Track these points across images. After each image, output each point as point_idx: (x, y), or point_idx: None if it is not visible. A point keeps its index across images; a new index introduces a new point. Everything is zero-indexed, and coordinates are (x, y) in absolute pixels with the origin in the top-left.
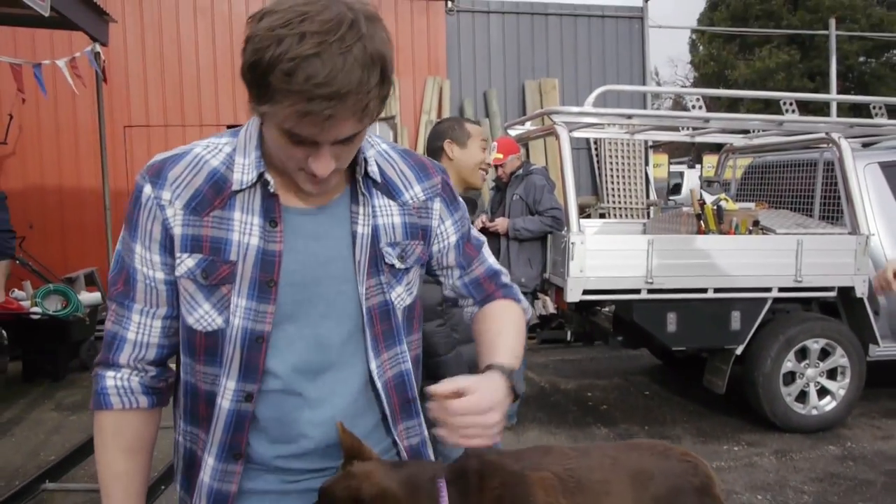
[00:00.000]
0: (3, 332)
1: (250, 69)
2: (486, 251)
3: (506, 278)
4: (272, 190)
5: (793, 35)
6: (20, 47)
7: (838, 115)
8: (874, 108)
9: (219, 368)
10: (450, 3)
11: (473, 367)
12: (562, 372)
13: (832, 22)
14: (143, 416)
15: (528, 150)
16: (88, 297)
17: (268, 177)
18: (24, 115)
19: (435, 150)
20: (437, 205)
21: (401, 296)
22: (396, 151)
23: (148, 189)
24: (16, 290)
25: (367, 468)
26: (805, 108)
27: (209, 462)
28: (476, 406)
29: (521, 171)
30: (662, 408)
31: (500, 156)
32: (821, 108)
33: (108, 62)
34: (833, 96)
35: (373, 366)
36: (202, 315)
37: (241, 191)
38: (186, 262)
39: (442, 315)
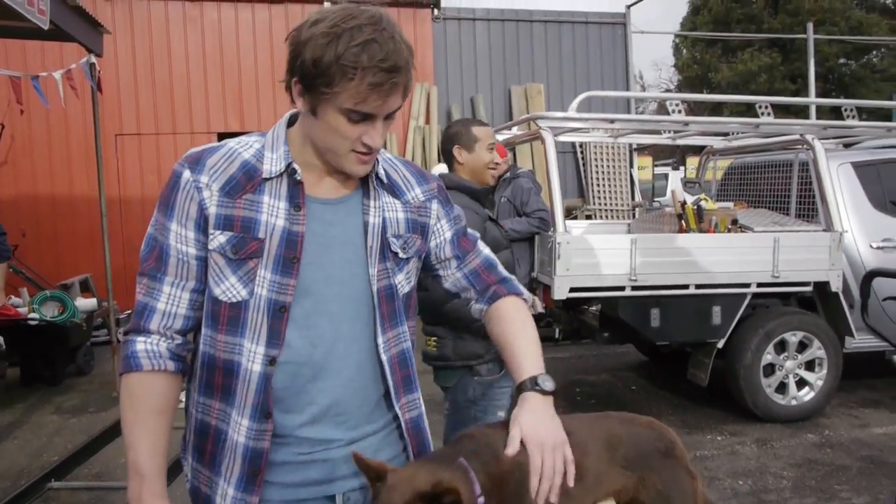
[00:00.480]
0: (1, 338)
1: (314, 64)
2: (482, 245)
3: (503, 269)
4: (298, 178)
5: (774, 38)
6: (11, 59)
7: (819, 118)
8: (845, 110)
9: (241, 338)
10: (436, 11)
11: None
12: (550, 369)
13: (810, 25)
14: (170, 379)
15: (514, 154)
16: (84, 303)
17: (295, 166)
18: (15, 126)
19: (446, 153)
20: (435, 205)
21: (401, 282)
22: (399, 160)
23: (187, 174)
24: (12, 296)
25: (408, 473)
26: (787, 110)
27: (243, 423)
28: (551, 458)
29: (508, 174)
30: (649, 402)
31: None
32: (802, 111)
33: (101, 72)
34: (810, 100)
35: (380, 341)
36: (228, 287)
37: (269, 179)
38: (218, 238)
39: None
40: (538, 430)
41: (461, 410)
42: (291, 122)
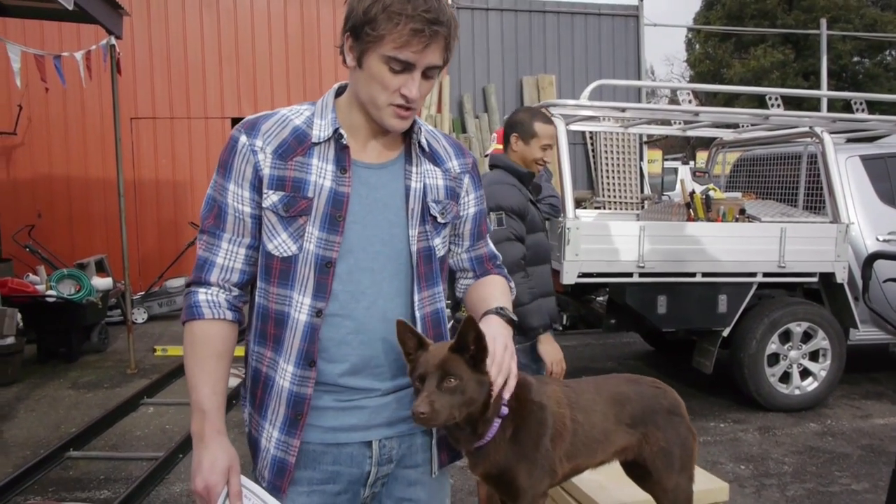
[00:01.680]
0: (19, 314)
1: (364, 12)
2: (489, 238)
3: (500, 262)
4: (344, 142)
5: (787, 34)
6: (30, 39)
7: (829, 112)
8: (855, 103)
9: (291, 290)
10: (451, 1)
11: (554, 317)
12: None
13: (823, 21)
14: (228, 327)
15: None
16: (100, 282)
17: (342, 131)
18: (32, 107)
19: (507, 136)
20: (467, 179)
21: (438, 245)
22: (440, 132)
23: (244, 138)
24: (30, 274)
25: (444, 343)
26: (798, 105)
27: (288, 369)
28: (501, 351)
29: None
30: None
31: (500, 147)
32: (814, 107)
33: (120, 54)
34: (821, 92)
35: (415, 297)
36: (280, 243)
37: (318, 143)
38: (271, 197)
39: (523, 269)
40: (498, 336)
41: None
42: (339, 93)
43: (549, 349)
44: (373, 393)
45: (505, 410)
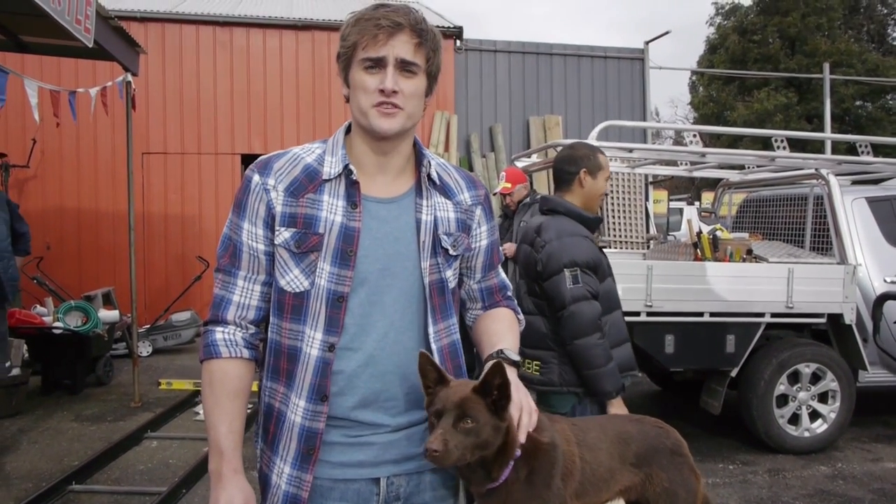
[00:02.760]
0: (25, 346)
1: (343, 38)
2: (501, 268)
3: (511, 293)
4: (355, 178)
5: (790, 78)
6: (47, 75)
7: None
8: (860, 146)
9: (303, 325)
10: (459, 42)
11: (629, 364)
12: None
13: (826, 66)
14: (245, 366)
15: (531, 181)
16: (107, 314)
17: (352, 167)
18: (46, 140)
19: (567, 173)
20: (479, 211)
21: (451, 277)
22: (451, 165)
23: (257, 177)
24: (37, 305)
25: (466, 380)
26: (802, 148)
27: (300, 404)
28: (515, 391)
29: (528, 199)
30: None
31: (509, 185)
32: (818, 149)
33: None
34: (825, 135)
35: (430, 330)
36: (292, 278)
37: (329, 180)
38: (283, 234)
39: (600, 329)
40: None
41: None
42: (348, 131)
43: (621, 412)
44: (382, 429)
45: (518, 452)
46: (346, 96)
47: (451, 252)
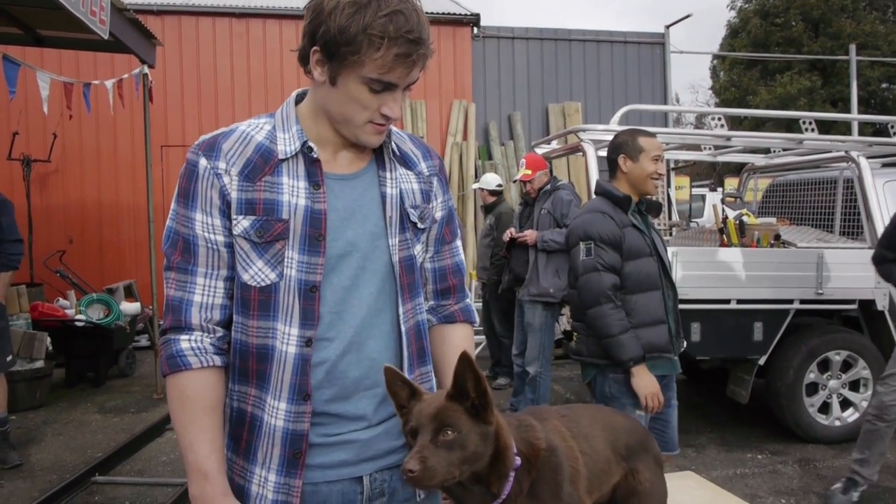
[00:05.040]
0: (49, 339)
1: (340, 32)
2: (459, 245)
3: (465, 284)
4: (315, 156)
5: (814, 61)
6: (65, 68)
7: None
8: (891, 127)
9: (274, 321)
10: (476, 29)
11: (651, 349)
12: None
13: (853, 47)
14: (218, 375)
15: (551, 168)
16: (128, 307)
17: (311, 144)
18: (67, 134)
19: (610, 161)
20: (436, 182)
21: (419, 253)
22: (403, 132)
23: (203, 161)
24: (60, 298)
25: (441, 392)
26: (827, 131)
27: (280, 406)
28: None
29: (548, 186)
30: (687, 418)
31: (529, 172)
32: (843, 133)
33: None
34: (853, 115)
35: (400, 311)
36: (256, 272)
37: (286, 160)
38: (242, 223)
39: (613, 300)
40: None
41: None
42: (298, 100)
43: (642, 382)
44: (361, 423)
45: (518, 461)
46: (316, 80)
47: (420, 226)
